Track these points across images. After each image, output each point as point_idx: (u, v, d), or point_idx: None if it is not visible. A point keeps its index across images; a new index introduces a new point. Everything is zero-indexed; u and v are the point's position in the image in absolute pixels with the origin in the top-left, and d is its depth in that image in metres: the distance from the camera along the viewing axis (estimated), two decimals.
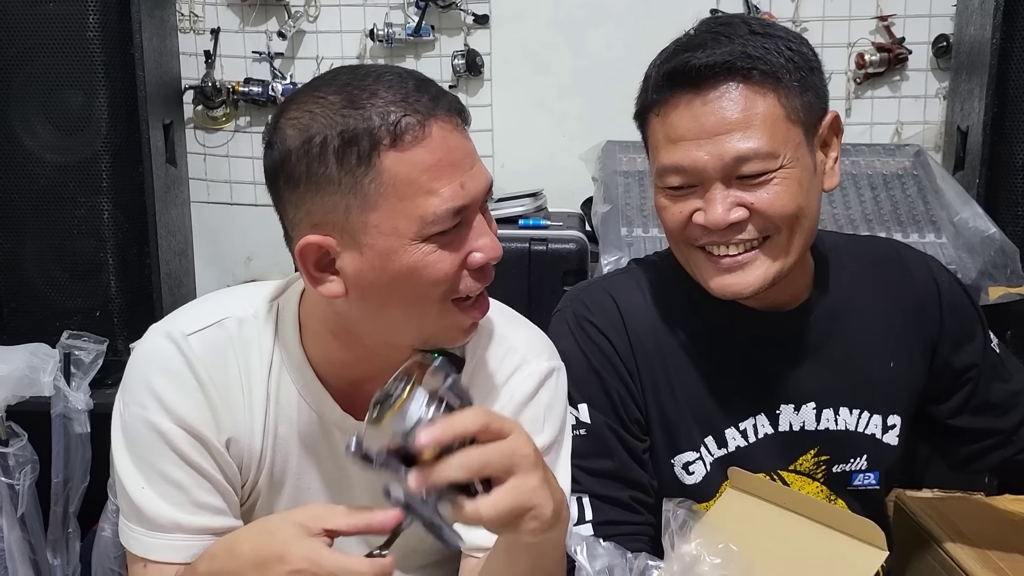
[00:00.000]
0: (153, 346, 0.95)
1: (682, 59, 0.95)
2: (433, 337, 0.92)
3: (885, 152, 1.95)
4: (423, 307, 0.89)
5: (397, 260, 0.86)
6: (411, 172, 0.84)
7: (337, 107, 0.85)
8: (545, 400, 1.00)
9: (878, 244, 1.18)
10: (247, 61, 2.28)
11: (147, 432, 0.93)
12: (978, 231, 1.71)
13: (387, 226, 0.85)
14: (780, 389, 1.05)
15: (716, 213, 0.95)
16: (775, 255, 0.97)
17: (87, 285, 1.86)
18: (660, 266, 1.11)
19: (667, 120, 0.97)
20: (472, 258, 0.88)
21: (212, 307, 0.99)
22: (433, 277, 0.87)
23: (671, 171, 0.97)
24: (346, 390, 0.97)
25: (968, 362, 1.11)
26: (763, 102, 0.93)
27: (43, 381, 1.61)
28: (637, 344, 1.04)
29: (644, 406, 1.04)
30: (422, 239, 0.85)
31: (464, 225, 0.88)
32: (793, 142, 0.95)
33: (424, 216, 0.85)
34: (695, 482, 1.05)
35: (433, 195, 0.85)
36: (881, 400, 1.08)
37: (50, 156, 1.84)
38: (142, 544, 0.94)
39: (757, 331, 1.04)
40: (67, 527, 1.69)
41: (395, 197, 0.84)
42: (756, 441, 1.05)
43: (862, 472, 1.08)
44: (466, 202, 0.86)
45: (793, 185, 0.95)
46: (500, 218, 1.90)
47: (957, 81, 2.04)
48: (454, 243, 0.87)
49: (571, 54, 2.26)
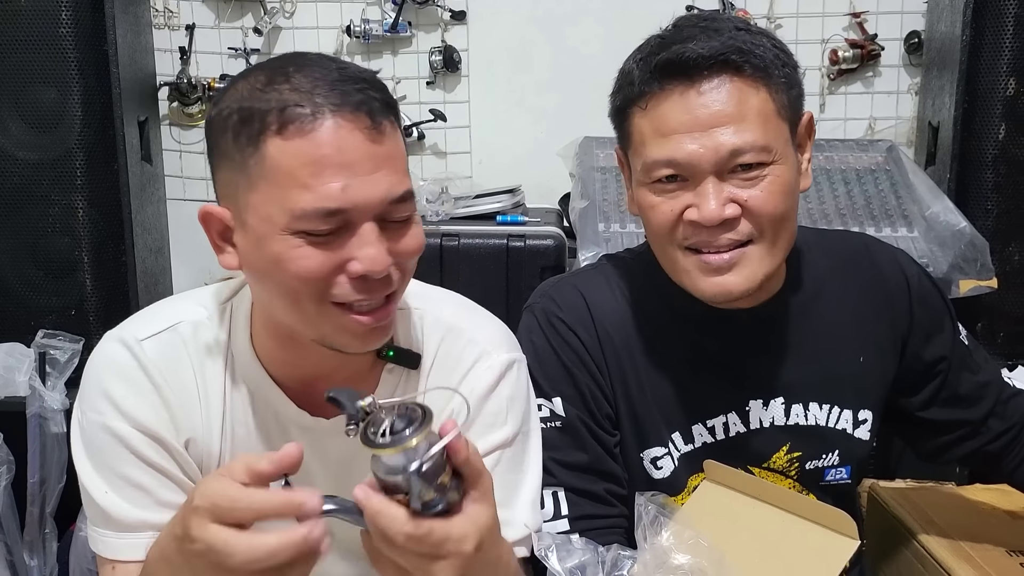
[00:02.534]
0: (107, 352, 0.95)
1: (675, 51, 0.93)
2: (327, 337, 0.88)
3: (858, 147, 1.97)
4: (298, 302, 0.86)
5: (267, 247, 0.84)
6: (291, 163, 0.81)
7: (252, 86, 0.84)
8: (507, 392, 0.98)
9: (847, 238, 1.19)
10: (223, 57, 2.26)
11: (105, 437, 0.93)
12: (949, 225, 1.74)
13: (263, 211, 0.83)
14: (748, 385, 1.06)
15: (710, 208, 0.93)
16: (761, 255, 0.97)
17: (62, 284, 1.85)
18: (631, 263, 1.12)
19: (656, 113, 0.95)
20: (350, 266, 0.84)
21: (166, 312, 0.98)
22: (295, 272, 0.83)
23: (662, 164, 0.95)
24: (299, 388, 0.97)
25: (938, 355, 1.12)
26: (756, 96, 0.93)
27: (18, 381, 1.59)
28: (606, 340, 1.05)
29: (613, 401, 1.05)
30: (291, 232, 0.82)
31: (346, 230, 0.84)
32: (782, 138, 0.95)
33: (293, 210, 0.82)
34: (663, 476, 1.05)
35: (307, 191, 0.81)
36: (851, 395, 1.09)
37: (23, 154, 1.82)
38: (111, 547, 0.94)
39: (726, 327, 1.05)
40: (43, 528, 1.68)
41: (272, 184, 0.82)
42: (726, 439, 1.05)
43: (834, 467, 1.09)
44: (344, 206, 0.82)
45: (784, 184, 0.95)
46: (478, 215, 1.91)
47: (928, 77, 2.06)
48: (331, 245, 0.84)
49: (549, 50, 2.27)
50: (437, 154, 2.35)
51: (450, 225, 1.84)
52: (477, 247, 1.78)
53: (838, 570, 0.92)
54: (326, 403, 0.95)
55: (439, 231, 1.80)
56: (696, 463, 1.05)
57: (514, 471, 0.98)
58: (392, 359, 0.97)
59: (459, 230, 1.80)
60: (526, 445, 1.00)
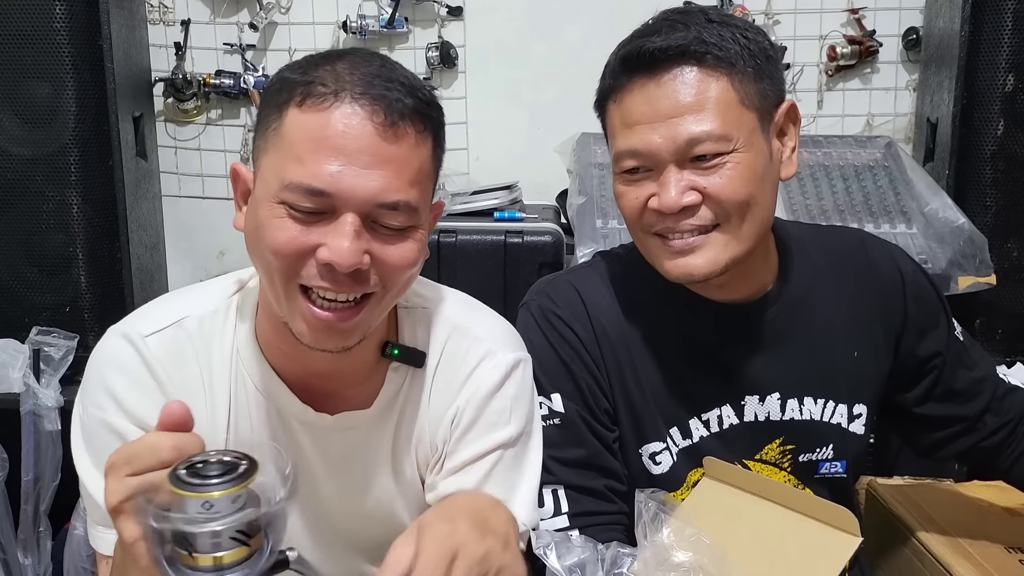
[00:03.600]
0: (110, 348, 0.94)
1: (637, 44, 0.96)
2: (291, 322, 0.88)
3: (857, 144, 1.97)
4: (270, 276, 0.87)
5: (258, 211, 0.86)
6: (297, 135, 0.84)
7: (306, 64, 0.87)
8: (512, 391, 0.98)
9: (843, 234, 1.19)
10: (218, 53, 2.25)
11: (106, 434, 0.92)
12: (947, 221, 1.73)
13: (265, 175, 0.86)
14: (745, 380, 1.06)
15: (669, 196, 0.95)
16: (726, 240, 0.98)
17: (56, 280, 1.83)
18: (625, 259, 1.12)
19: (622, 105, 0.97)
20: (318, 252, 0.84)
21: (171, 307, 0.98)
22: (269, 242, 0.84)
23: (626, 155, 0.98)
24: (302, 383, 0.96)
25: (932, 350, 1.12)
26: (716, 85, 0.94)
27: (12, 377, 1.58)
28: (602, 336, 1.05)
29: (612, 397, 1.05)
30: (277, 201, 0.84)
31: (330, 216, 0.83)
32: (747, 127, 0.95)
33: (283, 178, 0.83)
34: (662, 472, 1.05)
35: (301, 164, 0.83)
36: (846, 390, 1.09)
37: (17, 149, 1.80)
38: (106, 541, 0.93)
39: (721, 322, 1.05)
40: (38, 526, 1.67)
41: (278, 151, 0.85)
42: (721, 431, 1.05)
43: (828, 461, 1.09)
44: (329, 189, 0.82)
45: (746, 171, 0.95)
46: (475, 211, 1.90)
47: (927, 73, 2.06)
48: (309, 226, 0.83)
49: (545, 46, 2.26)
50: None
51: (447, 221, 1.83)
52: (475, 243, 1.77)
53: (840, 567, 0.91)
54: (329, 399, 0.95)
55: (436, 227, 1.78)
56: (694, 458, 1.04)
57: (514, 469, 0.98)
58: (397, 357, 0.97)
59: (456, 226, 1.79)
60: (528, 444, 0.99)
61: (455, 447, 0.98)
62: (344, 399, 0.97)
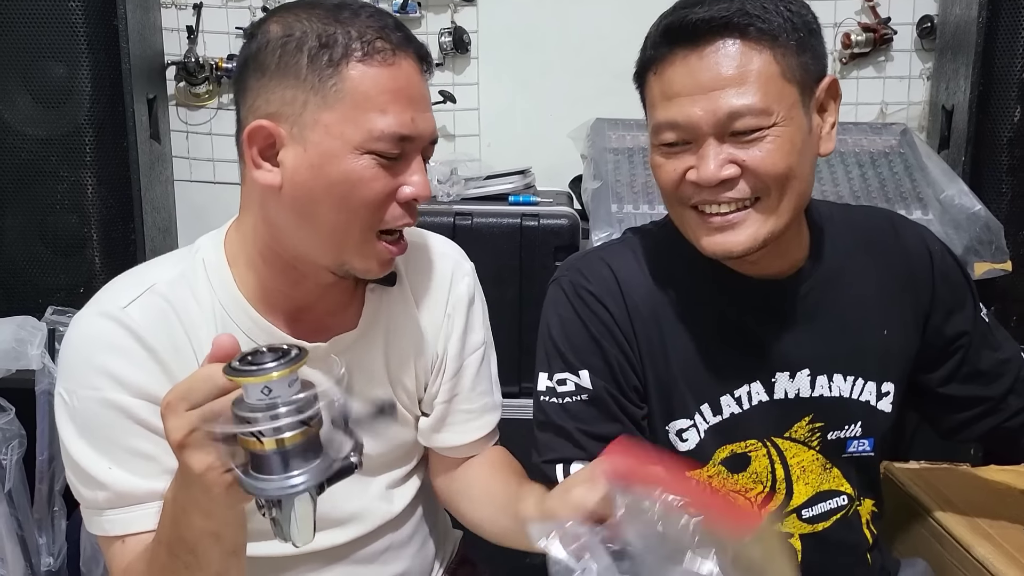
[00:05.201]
0: (91, 328, 0.94)
1: (679, 15, 0.95)
2: (349, 262, 0.95)
3: (872, 131, 1.97)
4: (348, 225, 0.92)
5: (336, 165, 0.90)
6: (372, 88, 0.90)
7: (321, 17, 0.91)
8: (479, 297, 1.13)
9: (872, 214, 1.19)
10: (230, 37, 2.25)
11: (105, 412, 0.91)
12: (963, 208, 1.73)
13: (336, 129, 0.90)
14: (775, 356, 1.06)
15: (708, 169, 0.94)
16: (765, 216, 0.97)
17: (70, 261, 1.83)
18: (656, 235, 1.11)
19: (663, 76, 0.97)
20: (402, 191, 0.94)
21: (137, 278, 0.98)
22: (364, 193, 0.91)
23: (666, 127, 0.97)
24: (288, 319, 1.00)
25: (959, 330, 1.12)
26: (758, 58, 0.93)
27: (31, 354, 1.57)
28: (634, 312, 1.04)
29: (642, 373, 1.04)
30: (363, 151, 0.90)
31: (404, 159, 0.93)
32: (788, 101, 0.95)
33: (372, 130, 0.90)
34: (688, 449, 1.05)
35: (385, 114, 0.90)
36: (875, 367, 1.08)
37: (31, 130, 1.80)
38: (118, 523, 0.92)
39: (753, 298, 1.05)
40: (52, 505, 1.67)
41: (351, 105, 0.90)
42: (751, 408, 1.05)
43: (856, 439, 1.09)
44: (412, 134, 0.92)
45: (786, 144, 0.95)
46: (489, 195, 1.90)
47: (942, 61, 2.06)
48: (391, 170, 0.92)
49: (558, 32, 2.26)
50: (446, 137, 2.34)
51: (463, 204, 1.83)
52: (490, 226, 1.76)
53: None
54: (318, 331, 1.00)
55: (452, 210, 1.79)
56: (724, 435, 1.04)
57: (489, 363, 1.15)
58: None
59: (472, 209, 1.79)
60: (487, 337, 1.15)
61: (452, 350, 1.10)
62: (330, 327, 1.02)
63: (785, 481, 1.06)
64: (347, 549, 1.07)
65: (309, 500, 0.71)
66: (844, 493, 1.09)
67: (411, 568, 1.13)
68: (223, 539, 0.81)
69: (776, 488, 1.06)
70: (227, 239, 1.00)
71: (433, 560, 1.19)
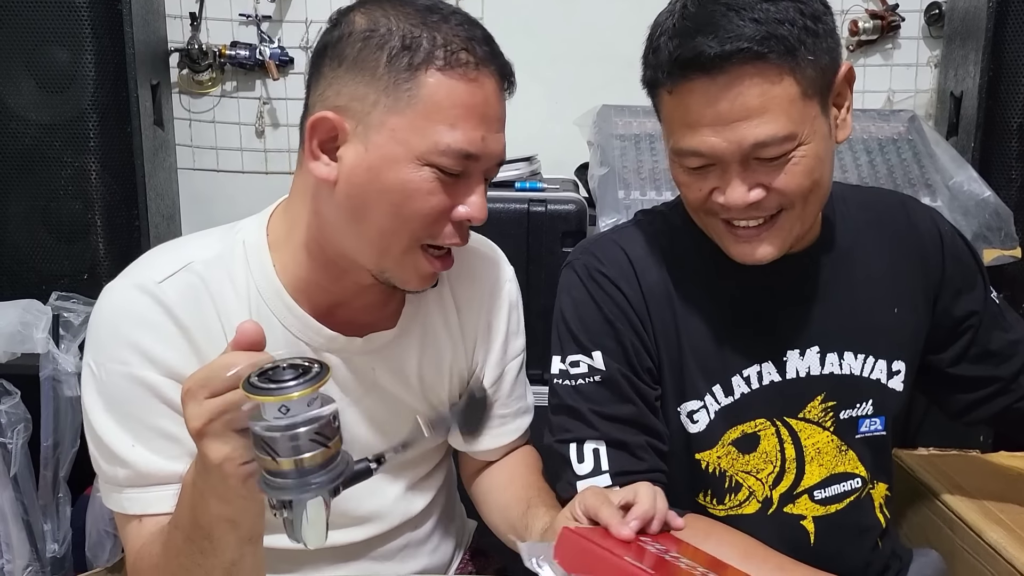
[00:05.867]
0: (124, 299, 0.92)
1: (692, 46, 0.90)
2: (390, 271, 0.93)
3: (880, 117, 1.96)
4: (395, 233, 0.90)
5: (395, 171, 0.88)
6: (446, 100, 0.87)
7: (410, 17, 0.88)
8: (519, 302, 1.13)
9: (883, 195, 1.19)
10: (233, 24, 2.23)
11: (132, 388, 0.90)
12: (973, 195, 1.73)
13: (402, 135, 0.87)
14: (786, 335, 1.05)
15: (735, 196, 0.94)
16: (791, 223, 0.97)
17: (74, 248, 1.82)
18: (668, 216, 1.11)
19: (681, 103, 0.94)
20: (457, 211, 0.91)
21: (176, 253, 0.97)
22: (418, 206, 0.89)
23: (689, 154, 0.96)
24: (325, 312, 0.98)
25: (968, 310, 1.12)
26: (780, 85, 0.90)
27: (36, 338, 1.56)
28: (649, 294, 1.04)
29: (656, 355, 1.04)
30: (425, 162, 0.87)
31: (465, 177, 0.90)
32: (810, 116, 0.93)
33: (437, 143, 0.87)
34: (699, 431, 1.05)
35: (455, 129, 0.87)
36: (885, 345, 1.08)
37: (35, 115, 1.79)
38: (138, 502, 0.91)
39: (764, 276, 1.04)
40: (57, 492, 1.66)
41: (422, 113, 0.87)
42: (760, 387, 1.05)
43: (868, 417, 1.08)
44: (479, 153, 0.89)
45: (811, 161, 0.94)
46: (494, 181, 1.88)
47: (951, 47, 2.05)
48: (451, 187, 0.89)
49: (563, 20, 2.24)
50: None
51: None
52: (497, 211, 1.75)
53: None
54: (354, 326, 0.99)
55: None
56: (734, 416, 1.04)
57: (523, 370, 1.14)
58: None
59: None
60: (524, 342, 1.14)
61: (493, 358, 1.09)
62: (367, 323, 1.01)
63: (796, 461, 1.06)
64: (365, 547, 1.06)
65: (322, 503, 0.70)
66: (858, 476, 1.08)
67: (429, 565, 1.13)
68: (240, 526, 0.80)
69: (786, 468, 1.06)
70: (271, 223, 0.99)
71: (452, 555, 1.19)
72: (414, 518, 1.09)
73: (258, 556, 0.85)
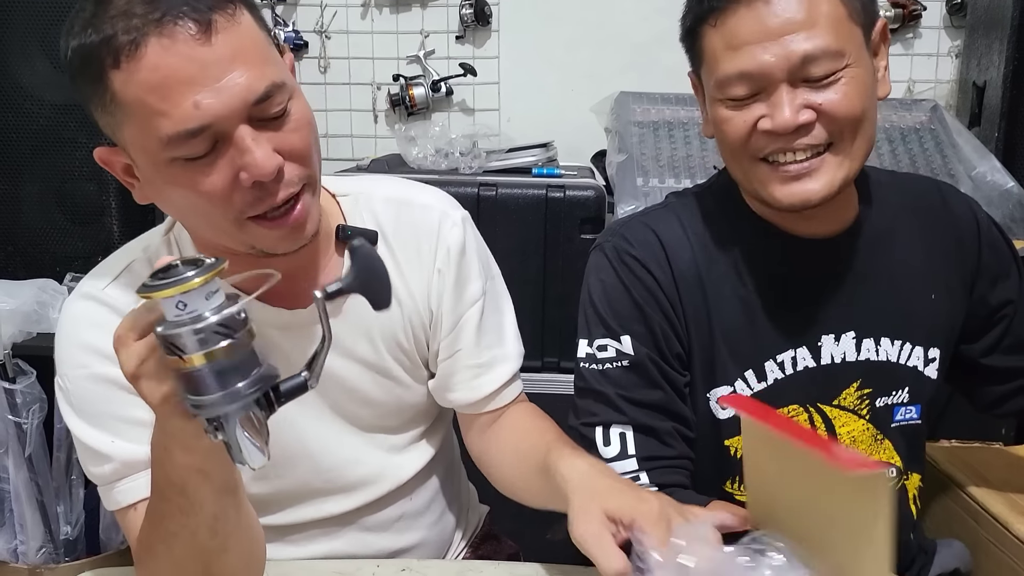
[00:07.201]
0: (74, 311, 0.95)
1: None
2: (254, 247, 0.88)
3: (902, 107, 1.94)
4: (214, 222, 0.86)
5: (159, 179, 0.83)
6: (137, 92, 0.78)
7: (86, 19, 0.80)
8: (473, 245, 1.04)
9: (920, 180, 1.17)
10: None
11: (96, 387, 0.91)
12: (996, 185, 1.71)
13: (139, 145, 0.82)
14: (821, 319, 1.04)
15: (784, 116, 0.92)
16: (840, 160, 0.95)
17: (89, 229, 1.81)
18: (701, 197, 1.09)
19: (726, 27, 0.94)
20: (240, 177, 0.81)
21: (114, 260, 0.99)
22: (196, 200, 0.83)
23: (735, 79, 0.94)
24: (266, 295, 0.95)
25: (1004, 298, 1.11)
26: (826, 1, 0.92)
27: (52, 317, 1.55)
28: (680, 278, 1.02)
29: (687, 340, 1.02)
30: (170, 159, 0.81)
31: (224, 143, 0.81)
32: (856, 41, 0.93)
33: (161, 139, 0.79)
34: (728, 416, 1.03)
35: (164, 116, 0.78)
36: (922, 332, 1.07)
37: (50, 96, 1.77)
38: (128, 492, 0.92)
39: (800, 259, 1.03)
40: (70, 474, 1.65)
41: (133, 118, 0.80)
42: (795, 373, 1.03)
43: (904, 405, 1.07)
44: (205, 122, 0.79)
45: (860, 85, 0.93)
46: (511, 168, 1.87)
47: (973, 37, 2.03)
48: (216, 163, 0.81)
49: (580, 5, 2.23)
50: (465, 111, 2.31)
51: (487, 176, 1.80)
52: (515, 197, 1.74)
53: None
54: (296, 298, 0.96)
55: (476, 180, 1.76)
56: (767, 402, 1.02)
57: (495, 312, 1.06)
58: (351, 237, 0.97)
59: (497, 180, 1.77)
60: (495, 286, 1.07)
61: (446, 306, 1.03)
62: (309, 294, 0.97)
63: None
64: (355, 515, 1.05)
65: (253, 417, 0.68)
66: (893, 466, 1.07)
67: (428, 538, 1.12)
68: (211, 475, 0.78)
69: None
70: None
71: (453, 532, 1.17)
72: (405, 485, 1.07)
73: (242, 511, 0.84)
